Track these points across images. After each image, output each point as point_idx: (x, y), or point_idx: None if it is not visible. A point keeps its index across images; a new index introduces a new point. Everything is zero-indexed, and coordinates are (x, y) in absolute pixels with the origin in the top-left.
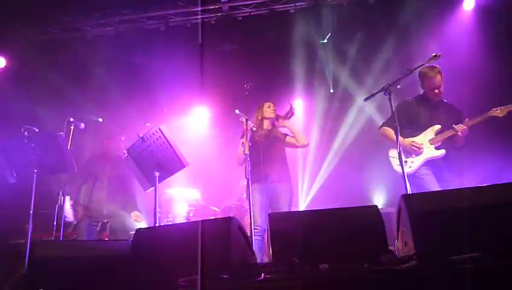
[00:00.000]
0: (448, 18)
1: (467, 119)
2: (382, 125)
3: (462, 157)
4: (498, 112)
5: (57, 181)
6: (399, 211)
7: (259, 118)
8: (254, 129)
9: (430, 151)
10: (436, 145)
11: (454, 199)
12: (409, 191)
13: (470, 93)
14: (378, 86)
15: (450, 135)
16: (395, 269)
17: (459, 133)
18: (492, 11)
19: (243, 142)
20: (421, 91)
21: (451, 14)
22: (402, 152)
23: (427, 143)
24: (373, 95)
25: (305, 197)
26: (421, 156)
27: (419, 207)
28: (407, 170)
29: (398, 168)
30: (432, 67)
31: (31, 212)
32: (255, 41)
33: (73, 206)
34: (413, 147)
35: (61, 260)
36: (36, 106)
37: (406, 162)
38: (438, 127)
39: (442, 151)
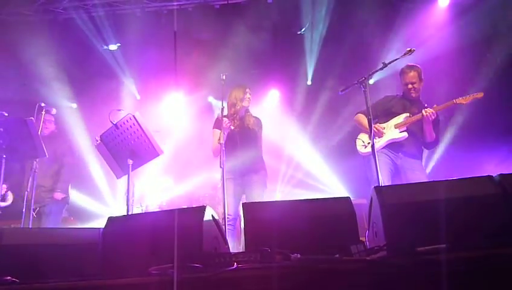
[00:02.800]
0: (424, 14)
1: (435, 105)
2: (358, 112)
3: (433, 151)
4: (462, 99)
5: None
6: (371, 202)
7: (238, 107)
8: (232, 128)
9: (393, 134)
10: (401, 130)
11: (425, 192)
12: (380, 181)
13: (442, 87)
14: (355, 79)
15: (416, 119)
16: (365, 259)
17: (425, 114)
18: (466, 9)
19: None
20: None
21: (427, 10)
22: (368, 135)
23: (392, 127)
24: (348, 87)
25: (281, 187)
26: (383, 138)
27: (391, 199)
28: (368, 149)
29: (361, 149)
30: (410, 66)
31: None
32: (232, 30)
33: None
34: (375, 130)
35: (29, 247)
36: (5, 89)
37: (368, 143)
38: (406, 114)
39: (404, 134)
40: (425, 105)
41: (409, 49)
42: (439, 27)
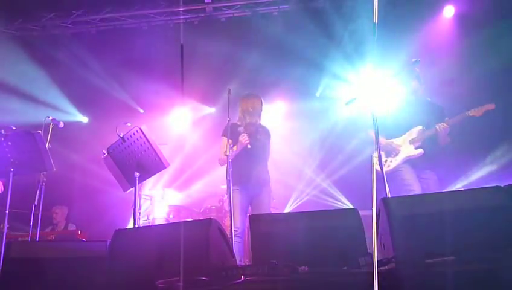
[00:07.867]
0: (430, 25)
1: (447, 118)
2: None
3: (445, 157)
4: (475, 112)
5: (34, 180)
6: (378, 214)
7: (247, 120)
8: (249, 147)
9: (409, 151)
10: (416, 145)
11: (433, 203)
12: (388, 194)
13: (450, 97)
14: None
15: (430, 134)
16: (373, 272)
17: (438, 130)
18: (471, 19)
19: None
20: None
21: (432, 21)
22: (384, 152)
23: (407, 143)
24: (354, 99)
25: (289, 200)
26: (399, 155)
27: (398, 210)
28: (385, 169)
29: (377, 168)
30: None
31: (7, 212)
32: (238, 43)
33: None
34: (391, 147)
35: (37, 260)
36: (14, 103)
37: (385, 161)
38: (420, 128)
39: (420, 151)
40: (429, 99)
41: (414, 59)
42: (444, 37)
